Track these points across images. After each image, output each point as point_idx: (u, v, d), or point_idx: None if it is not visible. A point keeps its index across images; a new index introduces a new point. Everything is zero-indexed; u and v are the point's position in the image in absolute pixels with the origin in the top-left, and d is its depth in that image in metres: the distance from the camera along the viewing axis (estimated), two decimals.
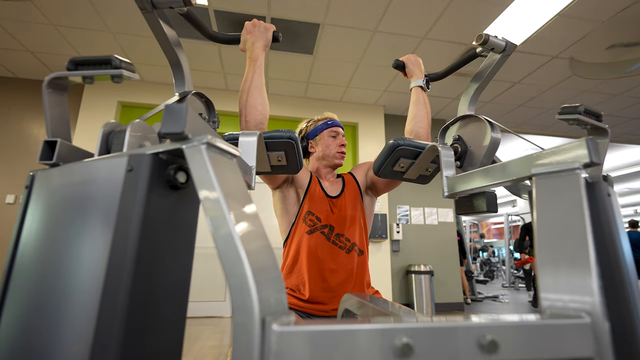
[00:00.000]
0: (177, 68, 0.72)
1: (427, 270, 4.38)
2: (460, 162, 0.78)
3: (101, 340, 0.29)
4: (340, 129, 1.32)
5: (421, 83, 1.10)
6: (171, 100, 0.63)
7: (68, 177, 0.39)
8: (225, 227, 0.29)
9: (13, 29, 3.28)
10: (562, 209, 0.38)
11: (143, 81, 4.23)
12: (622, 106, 4.69)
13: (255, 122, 0.92)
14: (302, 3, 2.91)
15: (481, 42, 0.82)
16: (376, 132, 4.81)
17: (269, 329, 0.26)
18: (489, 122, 0.74)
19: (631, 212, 13.33)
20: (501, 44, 0.83)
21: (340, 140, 1.30)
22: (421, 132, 1.09)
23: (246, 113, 0.92)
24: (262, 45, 0.95)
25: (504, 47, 0.83)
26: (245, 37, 0.96)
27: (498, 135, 0.73)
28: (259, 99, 0.93)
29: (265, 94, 0.95)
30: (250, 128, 0.91)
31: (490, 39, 0.82)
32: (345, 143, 1.30)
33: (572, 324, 0.31)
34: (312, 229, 1.16)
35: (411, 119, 1.10)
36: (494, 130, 0.72)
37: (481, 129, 0.76)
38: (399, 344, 0.27)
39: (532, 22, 3.10)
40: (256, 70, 0.93)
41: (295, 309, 1.13)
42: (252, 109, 0.92)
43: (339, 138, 1.30)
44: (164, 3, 0.66)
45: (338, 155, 1.28)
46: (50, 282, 0.34)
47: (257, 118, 0.92)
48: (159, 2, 0.66)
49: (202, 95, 0.76)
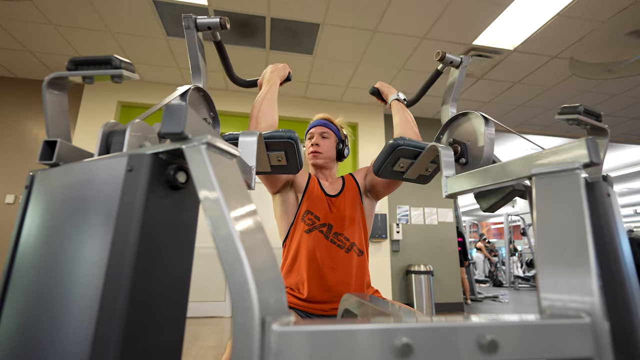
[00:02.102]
0: (197, 73, 0.84)
1: (427, 270, 4.38)
2: (465, 159, 0.78)
3: (101, 340, 0.29)
4: (315, 128, 1.31)
5: (397, 97, 1.19)
6: (172, 95, 0.64)
7: (68, 177, 0.39)
8: (225, 227, 0.29)
9: (13, 29, 3.28)
10: (561, 208, 0.38)
11: (143, 81, 4.23)
12: (622, 106, 4.69)
13: (268, 123, 0.99)
14: (302, 3, 2.91)
15: (439, 58, 0.95)
16: (376, 132, 4.81)
17: (268, 329, 0.26)
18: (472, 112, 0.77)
19: (631, 212, 13.33)
20: (457, 60, 0.95)
21: (313, 141, 1.29)
22: (410, 133, 1.11)
23: (258, 116, 0.99)
24: (279, 75, 1.10)
25: (459, 61, 0.95)
26: (265, 71, 1.11)
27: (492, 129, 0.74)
28: (273, 106, 1.02)
29: (277, 107, 1.03)
30: (261, 128, 0.98)
31: (447, 56, 0.95)
32: (317, 143, 1.28)
33: (571, 324, 0.31)
34: (310, 228, 1.16)
35: (397, 125, 1.14)
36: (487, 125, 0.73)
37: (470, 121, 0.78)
38: (399, 344, 0.27)
39: (532, 22, 3.10)
40: (271, 88, 1.05)
41: (295, 308, 1.13)
42: (264, 114, 0.99)
43: (315, 139, 1.29)
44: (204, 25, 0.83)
45: (310, 156, 1.29)
46: (50, 282, 0.34)
47: (269, 120, 0.99)
48: (201, 24, 0.83)
49: (200, 89, 0.77)
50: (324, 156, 1.29)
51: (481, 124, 0.73)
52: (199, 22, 0.83)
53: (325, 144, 1.29)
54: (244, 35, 3.39)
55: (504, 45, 3.44)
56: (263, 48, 3.58)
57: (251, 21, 3.17)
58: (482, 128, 0.73)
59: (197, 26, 0.82)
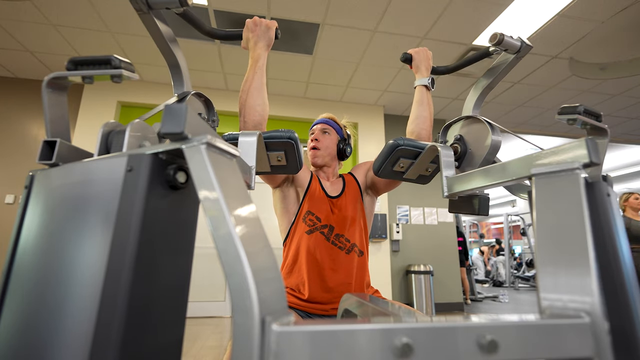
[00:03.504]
0: (175, 69, 0.71)
1: (427, 270, 4.38)
2: (459, 162, 0.78)
3: (100, 340, 0.29)
4: (317, 126, 1.30)
5: (426, 82, 1.07)
6: (170, 100, 0.63)
7: (67, 177, 0.39)
8: (224, 227, 0.29)
9: (13, 29, 3.28)
10: (561, 209, 0.38)
11: (143, 81, 4.23)
12: (622, 106, 4.69)
13: (254, 123, 0.92)
14: (302, 3, 2.91)
15: (495, 41, 0.80)
16: (376, 132, 4.81)
17: (268, 329, 0.26)
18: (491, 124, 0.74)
19: None
20: (516, 44, 0.81)
21: (313, 137, 1.28)
22: (423, 133, 1.07)
23: (245, 113, 0.92)
24: (265, 44, 0.95)
25: (518, 47, 0.81)
26: (247, 35, 0.96)
27: (499, 138, 0.73)
28: (259, 99, 0.92)
29: (266, 95, 0.95)
30: (249, 128, 0.91)
31: (505, 39, 0.80)
32: (317, 138, 1.27)
33: (571, 324, 0.31)
34: (311, 229, 1.16)
35: (413, 119, 1.08)
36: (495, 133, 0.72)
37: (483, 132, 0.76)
38: (399, 344, 0.27)
39: (531, 22, 3.10)
40: (257, 71, 0.93)
41: (294, 308, 1.13)
42: (251, 109, 0.92)
43: (315, 135, 1.29)
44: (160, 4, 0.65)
45: (310, 154, 1.28)
46: (50, 282, 0.34)
47: (256, 119, 0.92)
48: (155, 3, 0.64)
49: (201, 95, 0.76)
50: (323, 153, 1.27)
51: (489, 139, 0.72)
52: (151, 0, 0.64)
53: (326, 139, 1.29)
54: None
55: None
56: None
57: None
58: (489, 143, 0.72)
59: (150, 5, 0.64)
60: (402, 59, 1.11)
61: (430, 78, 1.08)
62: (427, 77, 1.08)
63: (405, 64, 1.12)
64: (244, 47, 0.97)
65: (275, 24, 0.97)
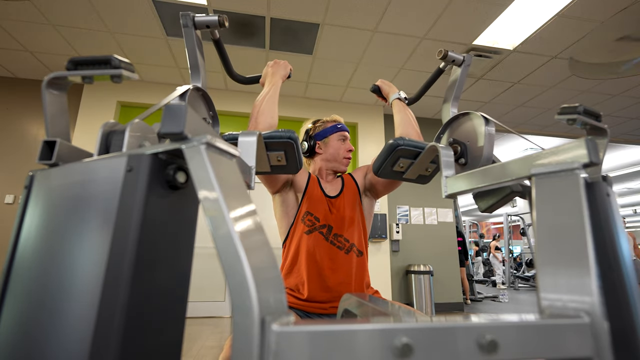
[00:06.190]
0: (196, 72, 0.83)
1: (427, 270, 4.38)
2: (465, 159, 0.78)
3: (100, 339, 0.29)
4: (347, 133, 1.34)
5: (398, 95, 1.19)
6: (172, 95, 0.64)
7: (67, 177, 0.39)
8: (224, 227, 0.29)
9: (13, 29, 3.28)
10: (561, 209, 0.38)
11: (143, 81, 4.22)
12: (622, 106, 4.69)
13: (265, 125, 0.99)
14: (301, 3, 2.91)
15: (441, 56, 0.94)
16: (376, 132, 4.81)
17: (268, 329, 0.26)
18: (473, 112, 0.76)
19: (630, 212, 13.34)
20: (459, 58, 0.94)
21: (347, 145, 1.32)
22: (412, 132, 1.11)
23: (258, 116, 1.00)
24: (282, 74, 1.12)
25: (462, 60, 0.94)
26: (267, 70, 1.11)
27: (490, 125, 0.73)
28: (273, 107, 1.02)
29: (277, 109, 1.04)
30: (260, 129, 0.98)
31: (449, 54, 0.93)
32: (352, 149, 1.32)
33: (571, 324, 0.31)
34: (310, 229, 1.16)
35: (399, 124, 1.14)
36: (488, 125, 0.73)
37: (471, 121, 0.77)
38: (399, 344, 0.27)
39: (531, 22, 3.10)
40: (273, 88, 1.05)
41: (294, 307, 1.13)
42: (264, 114, 1.00)
43: (347, 143, 1.32)
44: (202, 23, 0.82)
45: (344, 162, 1.30)
46: (50, 282, 0.34)
47: (268, 121, 0.99)
48: (199, 22, 0.82)
49: (200, 89, 0.77)
50: None
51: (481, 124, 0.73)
52: (197, 20, 0.82)
53: None
54: (244, 35, 3.39)
55: (503, 46, 3.44)
56: (263, 48, 3.58)
57: (251, 21, 3.17)
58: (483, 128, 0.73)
59: (195, 24, 0.82)
60: (372, 89, 1.26)
61: (399, 92, 1.20)
62: (397, 92, 1.21)
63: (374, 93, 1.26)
64: (262, 82, 1.12)
65: (290, 66, 1.16)
